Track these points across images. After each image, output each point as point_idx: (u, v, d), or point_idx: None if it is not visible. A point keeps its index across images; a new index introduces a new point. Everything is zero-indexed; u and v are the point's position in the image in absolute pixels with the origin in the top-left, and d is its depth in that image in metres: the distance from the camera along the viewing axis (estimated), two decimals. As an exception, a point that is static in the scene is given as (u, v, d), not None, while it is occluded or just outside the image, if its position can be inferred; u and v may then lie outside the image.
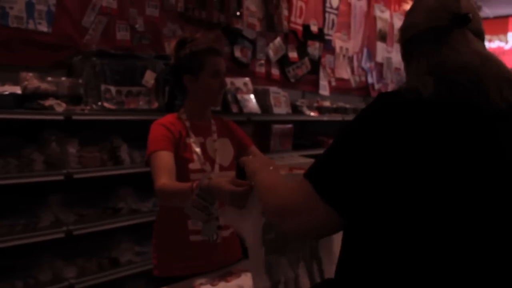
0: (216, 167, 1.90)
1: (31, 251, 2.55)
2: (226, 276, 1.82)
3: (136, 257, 2.88)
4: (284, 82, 4.56)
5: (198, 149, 1.86)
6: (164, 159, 1.73)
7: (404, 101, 0.91)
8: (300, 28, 4.70)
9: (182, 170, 1.81)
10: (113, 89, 2.73)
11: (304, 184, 0.95)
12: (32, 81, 2.53)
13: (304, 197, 0.95)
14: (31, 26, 2.71)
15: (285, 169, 1.47)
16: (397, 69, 6.43)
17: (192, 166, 1.84)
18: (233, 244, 2.00)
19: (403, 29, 1.09)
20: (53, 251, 2.65)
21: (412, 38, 1.05)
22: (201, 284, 1.74)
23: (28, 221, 2.49)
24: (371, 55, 5.94)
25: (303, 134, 4.45)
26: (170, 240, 1.90)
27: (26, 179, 2.41)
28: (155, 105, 2.89)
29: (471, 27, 1.01)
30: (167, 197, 1.68)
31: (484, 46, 1.04)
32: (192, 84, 1.89)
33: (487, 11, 7.82)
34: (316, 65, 4.94)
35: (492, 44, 9.15)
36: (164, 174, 1.68)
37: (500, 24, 8.83)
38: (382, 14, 6.08)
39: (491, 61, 0.96)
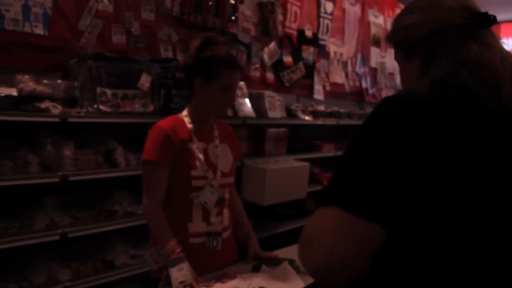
0: (218, 173, 1.90)
1: (26, 253, 2.54)
2: (222, 277, 1.83)
3: (131, 260, 2.88)
4: (279, 87, 4.59)
5: (201, 156, 1.85)
6: (158, 176, 1.81)
7: (419, 101, 0.87)
8: (294, 33, 4.73)
9: (184, 176, 1.83)
10: (108, 92, 2.74)
11: (322, 212, 0.86)
12: (28, 83, 2.53)
13: (331, 221, 0.84)
14: (27, 29, 2.71)
15: None
16: (391, 74, 6.48)
17: (194, 173, 1.84)
18: (231, 245, 2.01)
19: (406, 27, 1.05)
20: (48, 254, 2.64)
21: (425, 36, 1.00)
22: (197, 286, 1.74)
23: (23, 223, 2.47)
24: (365, 60, 5.99)
25: (297, 138, 4.47)
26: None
27: (21, 181, 2.40)
28: (151, 108, 2.90)
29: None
30: (149, 222, 1.85)
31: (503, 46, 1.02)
32: (201, 89, 1.85)
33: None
34: (310, 69, 4.96)
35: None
36: (155, 194, 1.82)
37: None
38: (376, 19, 6.14)
39: (510, 57, 0.96)
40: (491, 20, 0.99)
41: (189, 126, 1.88)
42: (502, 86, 0.91)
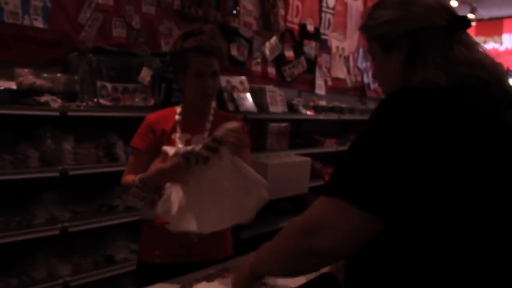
0: None
1: (26, 248, 2.54)
2: (223, 272, 1.81)
3: (131, 254, 2.87)
4: (280, 81, 4.56)
5: (181, 146, 1.84)
6: (136, 160, 1.88)
7: (424, 91, 0.89)
8: (296, 27, 4.71)
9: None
10: (109, 85, 2.72)
11: (325, 200, 0.91)
12: (27, 77, 2.51)
13: (333, 213, 0.89)
14: (26, 22, 2.69)
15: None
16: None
17: None
18: (214, 241, 1.93)
19: (387, 22, 1.05)
20: (48, 249, 2.63)
21: (408, 33, 1.02)
22: (197, 280, 1.73)
23: (23, 218, 2.47)
24: (367, 55, 5.95)
25: (299, 133, 4.46)
26: (152, 227, 1.91)
27: (21, 175, 2.39)
28: (151, 102, 2.88)
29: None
30: (125, 188, 1.85)
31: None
32: (184, 83, 1.88)
33: (482, 13, 7.86)
34: (312, 64, 4.94)
35: (486, 46, 9.19)
36: (129, 171, 1.86)
37: (494, 26, 8.87)
38: (378, 14, 6.10)
39: (499, 64, 0.99)
40: (468, 24, 1.01)
41: (177, 117, 1.90)
42: (499, 83, 0.94)
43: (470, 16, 7.55)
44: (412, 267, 0.87)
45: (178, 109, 1.94)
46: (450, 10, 1.03)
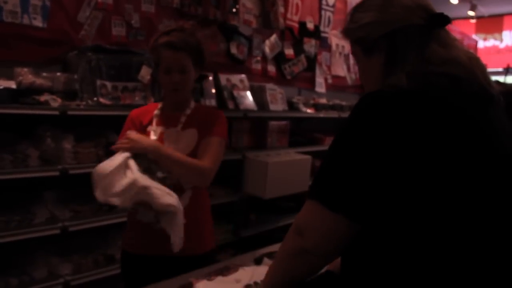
0: None
1: (26, 247, 2.54)
2: (223, 270, 1.81)
3: (132, 253, 2.86)
4: (280, 79, 4.56)
5: (154, 138, 1.90)
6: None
7: (391, 95, 0.91)
8: (296, 25, 4.70)
9: None
10: (108, 84, 2.72)
11: (308, 202, 0.97)
12: (27, 76, 2.51)
13: (312, 215, 0.96)
14: (25, 21, 2.68)
15: None
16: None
17: None
18: (193, 233, 1.91)
19: (366, 25, 1.06)
20: (49, 248, 2.63)
21: (387, 35, 1.02)
22: (198, 278, 1.73)
23: (23, 217, 2.47)
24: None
25: (299, 131, 4.46)
26: (129, 217, 1.99)
27: (21, 174, 2.39)
28: (151, 100, 2.88)
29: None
30: None
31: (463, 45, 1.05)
32: (158, 78, 1.96)
33: (482, 10, 7.84)
34: (312, 62, 4.93)
35: (487, 43, 9.18)
36: None
37: (494, 23, 8.87)
38: (378, 11, 6.09)
39: (476, 59, 1.00)
40: (447, 21, 1.01)
41: (155, 112, 1.97)
42: (475, 79, 0.96)
43: (470, 13, 7.55)
44: (392, 264, 0.89)
45: (159, 105, 2.01)
46: (428, 8, 1.03)
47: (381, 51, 1.04)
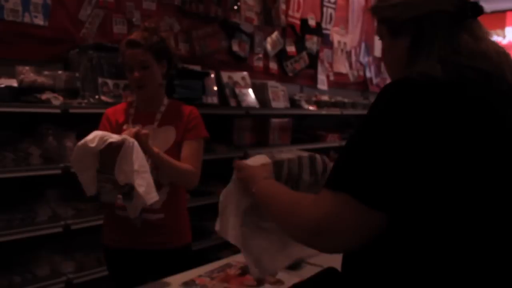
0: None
1: (29, 246, 2.54)
2: (225, 268, 1.82)
3: (134, 251, 2.87)
4: (282, 76, 4.55)
5: None
6: None
7: (427, 85, 0.87)
8: (298, 22, 4.68)
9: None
10: (110, 82, 2.72)
11: (331, 196, 0.88)
12: (28, 74, 2.51)
13: (338, 210, 0.87)
14: (27, 19, 2.68)
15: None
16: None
17: None
18: (160, 231, 1.94)
19: (395, 6, 1.02)
20: (51, 246, 2.63)
21: (415, 18, 0.99)
22: (200, 276, 1.73)
23: (25, 215, 2.47)
24: (369, 50, 5.93)
25: (301, 128, 4.45)
26: (107, 213, 2.02)
27: (23, 173, 2.39)
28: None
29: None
30: None
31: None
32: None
33: (484, 6, 7.80)
34: (314, 59, 4.92)
35: (490, 39, 9.13)
36: None
37: (497, 19, 8.82)
38: (380, 8, 6.07)
39: (505, 54, 0.97)
40: (480, 11, 0.98)
41: (131, 110, 2.00)
42: (503, 77, 0.92)
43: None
44: (412, 262, 0.86)
45: (133, 103, 2.03)
46: None
47: (407, 34, 1.00)
